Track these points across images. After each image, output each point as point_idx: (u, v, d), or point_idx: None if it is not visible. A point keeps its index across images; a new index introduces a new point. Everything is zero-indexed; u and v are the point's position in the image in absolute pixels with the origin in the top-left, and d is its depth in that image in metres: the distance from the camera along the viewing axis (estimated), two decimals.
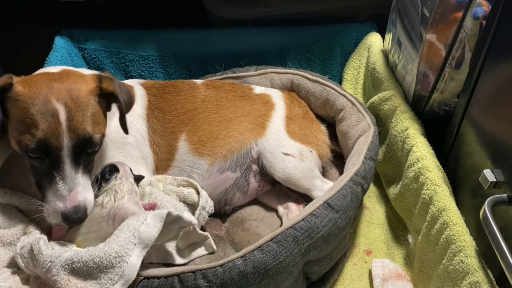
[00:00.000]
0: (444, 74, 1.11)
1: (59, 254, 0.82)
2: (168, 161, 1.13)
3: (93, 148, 0.91)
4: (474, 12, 0.99)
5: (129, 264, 0.81)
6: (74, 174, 0.87)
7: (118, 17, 1.73)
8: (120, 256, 0.81)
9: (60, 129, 0.85)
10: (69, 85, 0.90)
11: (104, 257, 0.81)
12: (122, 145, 1.07)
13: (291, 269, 0.89)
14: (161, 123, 1.14)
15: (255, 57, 1.55)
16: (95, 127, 0.90)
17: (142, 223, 0.85)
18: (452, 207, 0.95)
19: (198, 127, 1.16)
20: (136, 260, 0.82)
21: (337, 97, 1.30)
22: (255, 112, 1.22)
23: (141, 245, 0.83)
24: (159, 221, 0.86)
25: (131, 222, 0.86)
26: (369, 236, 1.20)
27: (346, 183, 1.01)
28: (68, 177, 0.86)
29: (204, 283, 0.84)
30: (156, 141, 1.12)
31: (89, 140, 0.89)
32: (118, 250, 0.82)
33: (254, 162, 1.19)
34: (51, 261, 0.81)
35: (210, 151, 1.15)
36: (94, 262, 0.80)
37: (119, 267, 0.81)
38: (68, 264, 0.81)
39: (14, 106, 0.87)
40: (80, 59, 1.49)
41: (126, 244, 0.83)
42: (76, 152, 0.87)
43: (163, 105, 1.16)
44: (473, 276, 0.84)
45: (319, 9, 1.61)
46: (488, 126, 0.96)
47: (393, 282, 1.04)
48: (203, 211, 1.06)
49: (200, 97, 1.22)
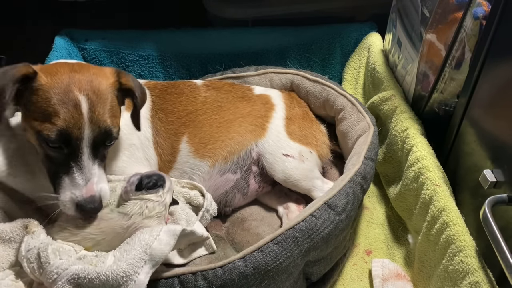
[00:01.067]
0: (444, 74, 1.11)
1: (66, 266, 0.80)
2: (170, 163, 1.13)
3: (111, 141, 0.92)
4: (474, 12, 0.99)
5: (136, 282, 0.79)
6: (91, 164, 0.88)
7: (118, 17, 1.73)
8: (128, 276, 0.79)
9: (82, 120, 0.86)
10: (90, 77, 0.90)
11: (111, 276, 0.78)
12: (127, 146, 1.07)
13: (291, 270, 0.89)
14: (164, 125, 1.14)
15: (255, 57, 1.54)
16: (113, 120, 0.91)
17: (155, 238, 0.82)
18: (452, 207, 0.95)
19: (199, 129, 1.16)
20: (144, 277, 0.80)
21: (337, 97, 1.30)
22: (255, 113, 1.22)
23: (151, 262, 0.81)
24: (173, 238, 0.84)
25: (143, 237, 0.83)
26: (369, 236, 1.20)
27: (346, 184, 1.01)
28: (86, 167, 0.87)
29: (204, 284, 0.84)
30: (160, 142, 1.12)
31: (108, 132, 0.90)
32: (127, 270, 0.79)
33: (254, 164, 1.18)
34: (58, 273, 0.79)
35: (211, 153, 1.15)
36: (100, 280, 0.78)
37: (125, 285, 0.79)
38: (74, 278, 0.79)
39: (34, 95, 0.87)
40: (80, 59, 1.49)
41: (137, 262, 0.80)
42: (95, 143, 0.88)
43: (166, 106, 1.16)
44: (473, 276, 0.84)
45: (319, 9, 1.61)
46: (488, 126, 0.96)
47: (393, 282, 1.04)
48: (207, 213, 1.06)
49: (201, 98, 1.21)
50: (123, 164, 1.05)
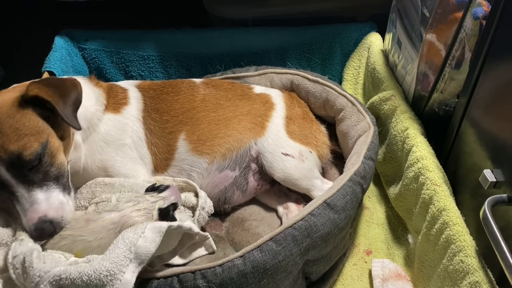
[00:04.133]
0: (444, 74, 1.11)
1: (48, 269, 0.78)
2: (168, 160, 1.13)
3: (31, 164, 0.85)
4: (474, 12, 0.99)
5: (122, 281, 0.77)
6: (27, 193, 0.85)
7: (118, 17, 1.73)
8: (112, 274, 0.76)
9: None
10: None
11: (94, 275, 0.76)
12: (119, 147, 1.07)
13: (290, 269, 0.89)
14: (159, 124, 1.14)
15: (255, 57, 1.54)
16: (21, 143, 0.84)
17: (139, 236, 0.80)
18: (452, 207, 0.95)
19: (197, 126, 1.16)
20: (130, 276, 0.78)
21: (337, 97, 1.30)
22: (255, 112, 1.22)
23: (137, 261, 0.79)
24: (158, 235, 0.82)
25: (127, 236, 0.81)
26: (369, 236, 1.20)
27: (346, 183, 1.01)
28: (22, 197, 0.85)
29: (204, 283, 0.84)
30: (154, 142, 1.12)
31: (19, 159, 0.84)
32: (110, 268, 0.76)
33: (253, 161, 1.18)
34: (40, 276, 0.77)
35: (209, 150, 1.15)
36: (82, 280, 0.76)
37: (111, 285, 0.76)
38: (56, 280, 0.77)
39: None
40: (80, 59, 1.49)
41: (120, 260, 0.78)
42: (14, 172, 0.84)
43: (160, 106, 1.16)
44: (473, 276, 0.84)
45: (319, 9, 1.61)
46: (488, 126, 0.96)
47: (393, 282, 1.04)
48: (203, 211, 1.06)
49: (199, 96, 1.22)
50: (118, 164, 1.06)
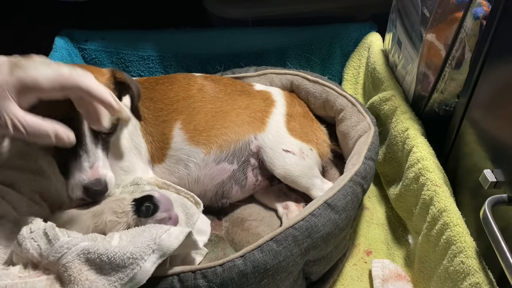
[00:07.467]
0: (444, 74, 1.11)
1: (76, 242, 0.81)
2: (164, 149, 1.14)
3: (110, 129, 0.97)
4: (474, 12, 0.99)
5: (142, 268, 0.79)
6: (94, 148, 0.93)
7: (118, 17, 1.73)
8: (134, 258, 0.79)
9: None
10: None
11: (118, 254, 0.78)
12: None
13: (290, 269, 0.89)
14: (152, 112, 1.15)
15: (255, 57, 1.54)
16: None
17: (165, 231, 0.83)
18: (452, 208, 0.95)
19: (193, 116, 1.17)
20: (150, 266, 0.80)
21: (337, 98, 1.30)
22: (254, 107, 1.22)
23: (159, 252, 0.81)
24: (182, 235, 0.84)
25: (153, 229, 0.84)
26: (369, 237, 1.20)
27: (346, 183, 1.01)
28: (90, 150, 0.92)
29: (204, 283, 0.84)
30: (149, 130, 1.14)
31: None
32: (134, 252, 0.79)
33: (253, 156, 1.18)
34: (68, 248, 0.80)
35: (205, 140, 1.15)
36: (108, 257, 0.79)
37: (131, 268, 0.78)
38: (84, 253, 0.79)
39: None
40: (80, 59, 1.49)
41: (144, 247, 0.80)
42: (93, 132, 0.93)
43: (154, 95, 1.18)
44: (473, 277, 0.83)
45: (319, 9, 1.61)
46: (488, 126, 0.96)
47: (393, 283, 1.03)
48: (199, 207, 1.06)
49: (196, 86, 1.22)
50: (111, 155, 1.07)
